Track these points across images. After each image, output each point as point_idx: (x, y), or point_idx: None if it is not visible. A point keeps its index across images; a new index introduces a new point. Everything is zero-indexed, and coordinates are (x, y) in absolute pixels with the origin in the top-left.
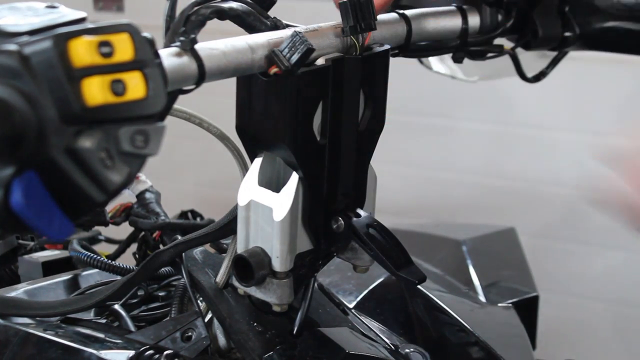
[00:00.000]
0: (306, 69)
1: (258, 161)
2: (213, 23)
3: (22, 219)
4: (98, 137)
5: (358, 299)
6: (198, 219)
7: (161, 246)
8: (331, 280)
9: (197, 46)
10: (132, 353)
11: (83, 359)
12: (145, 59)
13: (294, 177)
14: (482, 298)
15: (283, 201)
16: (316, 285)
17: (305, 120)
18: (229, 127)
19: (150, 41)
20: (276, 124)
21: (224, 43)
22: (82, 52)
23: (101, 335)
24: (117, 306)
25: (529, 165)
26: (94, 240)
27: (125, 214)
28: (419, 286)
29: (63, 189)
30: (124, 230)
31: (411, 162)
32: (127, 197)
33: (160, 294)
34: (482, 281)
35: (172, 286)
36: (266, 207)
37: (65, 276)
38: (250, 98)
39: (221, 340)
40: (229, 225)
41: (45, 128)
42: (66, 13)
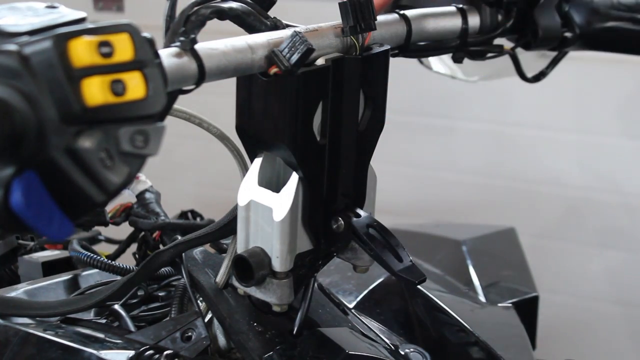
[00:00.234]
0: (306, 69)
1: (258, 161)
2: (213, 23)
3: (22, 219)
4: (98, 137)
5: (358, 299)
6: (198, 219)
7: (161, 246)
8: (331, 280)
9: (197, 46)
10: (132, 353)
11: (83, 359)
12: (145, 59)
13: (294, 177)
14: (482, 298)
15: (283, 201)
16: (316, 285)
17: (305, 120)
18: (229, 127)
19: (150, 41)
20: (276, 124)
21: (224, 43)
22: (82, 52)
23: (101, 335)
24: (117, 306)
25: (529, 165)
26: (94, 240)
27: (125, 214)
28: (419, 286)
29: (63, 189)
30: (124, 230)
31: (411, 162)
32: (127, 197)
33: (160, 294)
34: (482, 281)
35: (172, 286)
36: (266, 207)
37: (65, 276)
38: (250, 98)
39: (221, 340)
40: (229, 225)
41: (45, 128)
42: (66, 13)
